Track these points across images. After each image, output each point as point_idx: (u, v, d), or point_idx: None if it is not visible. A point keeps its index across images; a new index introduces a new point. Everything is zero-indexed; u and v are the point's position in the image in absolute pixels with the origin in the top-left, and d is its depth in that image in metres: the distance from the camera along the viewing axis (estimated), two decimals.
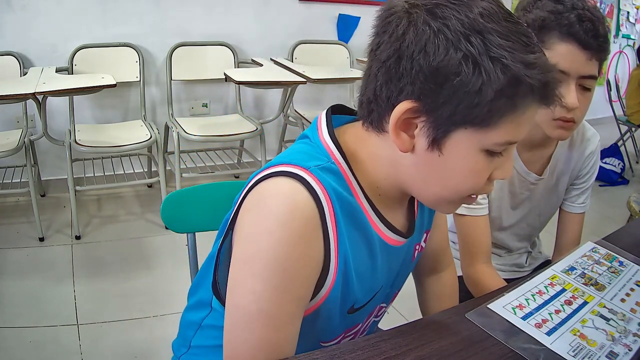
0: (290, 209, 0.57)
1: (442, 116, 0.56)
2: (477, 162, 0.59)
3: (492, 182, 0.63)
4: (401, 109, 0.57)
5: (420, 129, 0.59)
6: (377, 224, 0.67)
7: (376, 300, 0.76)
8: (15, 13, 2.56)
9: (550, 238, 1.25)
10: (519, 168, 1.10)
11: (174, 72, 2.89)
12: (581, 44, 0.90)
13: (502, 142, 0.58)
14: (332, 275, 0.63)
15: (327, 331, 0.72)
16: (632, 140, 4.26)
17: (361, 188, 0.64)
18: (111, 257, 2.24)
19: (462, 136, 0.57)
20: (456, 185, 0.61)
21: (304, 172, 0.59)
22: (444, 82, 0.54)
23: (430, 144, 0.58)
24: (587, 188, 1.17)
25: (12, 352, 1.62)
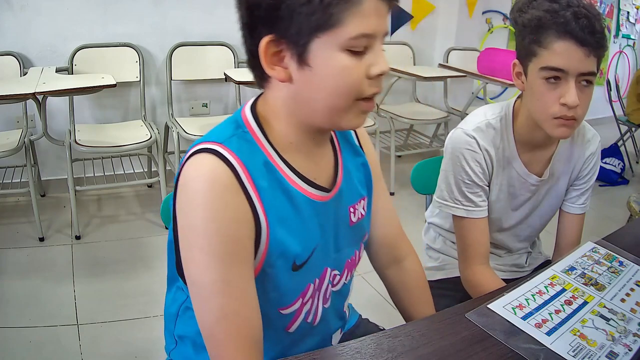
0: (210, 182, 0.64)
1: (293, 34, 0.63)
2: (343, 61, 0.64)
3: (377, 81, 0.67)
4: (263, 44, 0.65)
5: (287, 55, 0.65)
6: (293, 179, 0.72)
7: (318, 258, 0.77)
8: (15, 13, 2.56)
9: (550, 238, 1.25)
10: (519, 169, 1.10)
11: (174, 72, 2.89)
12: (578, 41, 0.90)
13: (355, 35, 0.63)
14: (265, 231, 0.68)
15: (280, 294, 0.74)
16: (632, 140, 4.26)
17: (275, 149, 0.71)
18: (111, 257, 2.24)
19: (319, 44, 0.63)
20: (334, 89, 0.66)
21: (219, 146, 0.66)
22: (280, 7, 0.62)
23: (298, 63, 0.65)
24: (588, 189, 1.17)
25: (12, 352, 1.62)
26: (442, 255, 1.29)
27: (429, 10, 3.72)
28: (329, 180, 0.78)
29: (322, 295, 0.81)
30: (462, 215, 1.09)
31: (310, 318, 0.80)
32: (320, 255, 0.77)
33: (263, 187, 0.68)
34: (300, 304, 0.77)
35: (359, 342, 0.73)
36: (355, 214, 0.84)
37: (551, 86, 0.95)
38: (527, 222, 1.19)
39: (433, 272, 1.29)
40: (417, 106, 3.64)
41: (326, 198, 0.77)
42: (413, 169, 1.34)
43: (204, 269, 0.65)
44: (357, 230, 0.85)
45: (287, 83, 0.67)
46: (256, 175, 0.68)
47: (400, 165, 3.40)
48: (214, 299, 0.65)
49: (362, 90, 0.67)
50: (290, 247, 0.71)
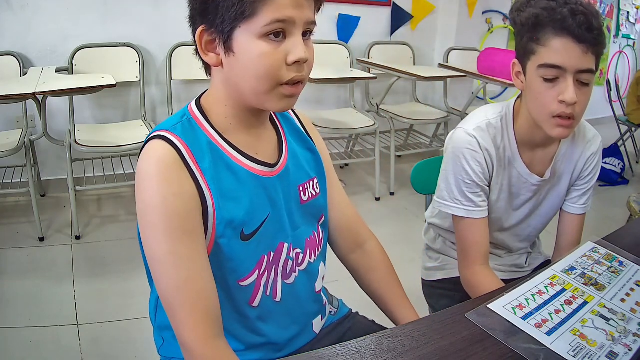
0: (154, 162, 0.72)
1: (219, 24, 0.71)
2: (260, 48, 0.71)
3: (297, 67, 0.73)
4: (197, 33, 0.74)
5: (216, 43, 0.74)
6: (236, 157, 0.79)
7: (270, 230, 0.81)
8: (15, 13, 2.56)
9: (550, 238, 1.25)
10: (520, 169, 1.10)
11: (174, 72, 2.89)
12: (575, 38, 0.91)
13: (268, 22, 0.70)
14: (211, 205, 0.74)
15: (235, 265, 0.79)
16: (632, 140, 4.26)
17: (216, 131, 0.78)
18: (111, 257, 2.24)
19: (240, 33, 0.71)
20: (256, 72, 0.72)
21: (165, 132, 0.74)
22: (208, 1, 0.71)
23: (225, 50, 0.73)
24: (589, 189, 1.16)
25: (12, 352, 1.62)
26: (442, 256, 1.28)
27: (429, 10, 3.72)
28: (273, 158, 0.84)
29: (282, 270, 0.85)
30: (462, 215, 1.08)
31: (269, 291, 0.84)
32: (272, 228, 0.82)
33: (206, 164, 0.75)
34: (257, 275, 0.81)
35: (359, 342, 0.73)
36: (306, 193, 0.89)
37: (549, 84, 0.95)
38: (528, 222, 1.19)
39: (433, 272, 1.29)
40: (417, 106, 3.64)
41: (271, 174, 0.82)
42: (413, 169, 1.34)
43: (156, 243, 0.71)
44: (310, 208, 0.90)
45: (220, 68, 0.76)
46: (199, 154, 0.75)
47: (400, 165, 3.41)
48: (167, 271, 0.71)
49: (280, 75, 0.73)
50: (236, 216, 0.77)
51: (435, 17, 3.76)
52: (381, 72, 3.13)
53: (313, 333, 0.92)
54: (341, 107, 3.46)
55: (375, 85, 3.45)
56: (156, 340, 0.91)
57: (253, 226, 0.79)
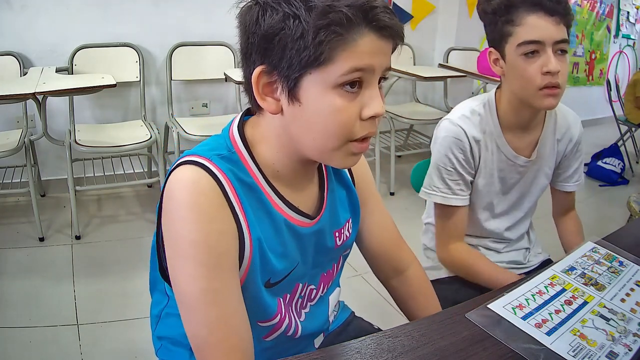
0: (195, 193, 0.64)
1: (285, 68, 0.63)
2: (334, 100, 0.63)
3: (370, 123, 0.66)
4: (255, 73, 0.65)
5: (278, 88, 0.65)
6: (278, 204, 0.73)
7: (294, 278, 0.78)
8: (15, 13, 2.56)
9: (550, 238, 1.25)
10: (507, 153, 1.14)
11: (174, 72, 2.89)
12: (547, 11, 0.97)
13: (346, 70, 0.62)
14: (248, 247, 0.69)
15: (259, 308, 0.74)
16: (632, 140, 4.26)
17: (261, 172, 0.71)
18: (111, 257, 2.24)
19: (310, 81, 0.63)
20: (325, 128, 0.65)
21: (205, 160, 0.67)
22: (274, 39, 0.62)
23: (289, 98, 0.64)
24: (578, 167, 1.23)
25: (12, 352, 1.62)
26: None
27: (429, 10, 3.72)
28: (312, 208, 0.79)
29: (294, 309, 0.82)
30: (439, 202, 1.13)
31: (291, 332, 0.81)
32: (296, 275, 0.78)
33: (248, 205, 0.69)
34: (279, 319, 0.78)
35: (359, 342, 0.73)
36: (341, 237, 0.84)
37: (531, 60, 1.00)
38: (518, 206, 1.22)
39: (430, 272, 1.29)
40: (417, 106, 3.64)
41: (309, 225, 0.77)
42: (413, 169, 1.35)
43: (191, 278, 0.64)
44: (341, 250, 0.86)
45: (279, 115, 0.67)
46: (241, 193, 0.68)
47: (400, 165, 3.40)
48: (202, 308, 0.65)
49: (353, 132, 0.65)
50: (269, 265, 0.72)
51: (435, 17, 3.76)
52: None
53: (312, 348, 0.91)
54: None
55: None
56: (155, 344, 0.90)
57: (280, 276, 0.75)
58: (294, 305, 0.82)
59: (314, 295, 0.85)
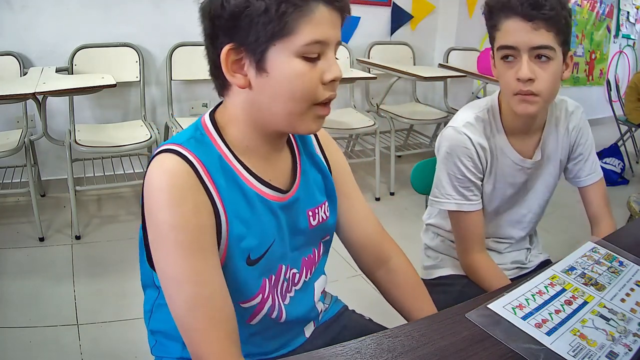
0: (169, 177, 0.68)
1: (252, 42, 0.68)
2: (297, 67, 0.69)
3: (331, 86, 0.73)
4: (224, 52, 0.70)
5: (246, 62, 0.70)
6: (249, 179, 0.76)
7: (273, 255, 0.79)
8: (15, 13, 2.56)
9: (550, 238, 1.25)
10: (513, 158, 1.13)
11: (174, 72, 2.89)
12: (522, 16, 0.96)
13: (307, 41, 0.68)
14: (225, 225, 0.72)
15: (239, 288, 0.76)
16: (632, 140, 4.26)
17: (231, 151, 0.75)
18: (111, 257, 2.24)
19: (275, 52, 0.68)
20: (291, 92, 0.70)
21: (178, 146, 0.71)
22: (239, 17, 0.67)
23: (257, 70, 0.70)
24: (589, 156, 1.20)
25: (12, 352, 1.62)
26: (441, 255, 1.29)
27: (429, 10, 3.72)
28: (286, 183, 0.82)
29: (280, 292, 0.84)
30: (454, 209, 1.12)
31: (275, 314, 0.82)
32: (276, 253, 0.80)
33: (221, 183, 0.72)
34: (261, 299, 0.80)
35: (359, 342, 0.73)
36: (315, 217, 0.86)
37: (508, 65, 1.00)
38: (526, 206, 1.21)
39: (431, 271, 1.30)
40: (417, 106, 3.64)
41: (283, 199, 0.80)
42: (413, 169, 1.35)
43: (173, 260, 0.68)
44: (317, 232, 0.88)
45: (246, 89, 0.72)
46: (214, 172, 0.72)
47: (400, 165, 3.41)
48: (185, 288, 0.68)
49: (317, 95, 0.71)
50: (246, 241, 0.75)
51: (435, 17, 3.76)
52: (381, 72, 3.13)
53: (303, 337, 0.92)
54: (341, 107, 3.46)
55: (375, 85, 3.45)
56: (149, 341, 0.92)
57: (259, 252, 0.77)
58: (280, 287, 0.84)
59: (297, 279, 0.87)
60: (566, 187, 1.28)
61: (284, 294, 0.85)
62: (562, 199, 1.78)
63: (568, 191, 1.37)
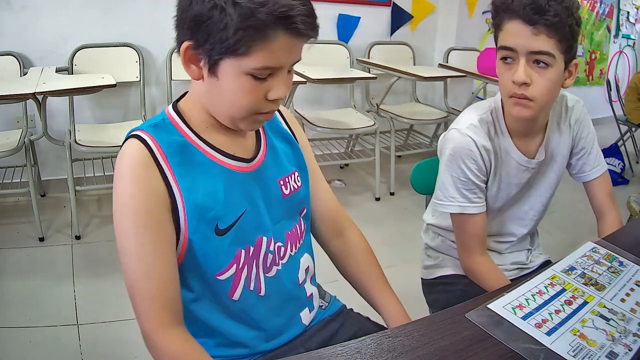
0: (127, 158, 0.76)
1: (207, 49, 0.72)
2: (244, 84, 0.73)
3: (274, 102, 0.77)
4: (183, 46, 0.74)
5: (201, 59, 0.74)
6: (210, 153, 0.81)
7: (247, 225, 0.83)
8: (15, 13, 2.56)
9: (550, 238, 1.25)
10: (518, 159, 1.12)
11: (174, 72, 2.89)
12: (523, 19, 0.95)
13: (259, 67, 0.72)
14: (180, 202, 0.77)
15: (211, 259, 0.81)
16: (632, 140, 4.26)
17: (192, 130, 0.81)
18: (111, 257, 2.23)
19: (227, 64, 0.72)
20: (235, 103, 0.76)
21: (140, 131, 0.78)
22: (201, 24, 0.71)
23: (209, 71, 0.75)
24: (592, 150, 1.20)
25: (12, 352, 1.63)
26: (442, 254, 1.29)
27: (429, 10, 3.72)
28: (250, 154, 0.87)
29: (262, 263, 0.86)
30: (458, 212, 1.11)
31: (252, 285, 0.85)
32: (250, 223, 0.84)
33: (176, 161, 0.77)
34: (236, 269, 0.83)
35: (359, 342, 0.73)
36: (287, 186, 0.91)
37: (506, 66, 1.00)
38: (529, 202, 1.21)
39: (432, 270, 1.29)
40: (417, 106, 3.64)
41: (248, 169, 0.85)
42: (413, 169, 1.34)
43: (125, 236, 0.75)
44: (291, 202, 0.91)
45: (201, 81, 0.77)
46: (171, 152, 0.77)
47: (400, 165, 3.40)
48: (132, 262, 0.75)
49: (259, 107, 0.77)
50: (208, 211, 0.79)
51: (435, 17, 3.76)
52: (381, 72, 3.13)
53: (302, 325, 0.93)
54: (341, 107, 3.46)
55: (375, 85, 3.45)
56: None
57: (228, 221, 0.81)
58: (263, 259, 0.86)
59: (283, 253, 0.90)
60: (566, 188, 1.28)
61: (270, 267, 0.88)
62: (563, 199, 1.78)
63: (568, 191, 1.37)
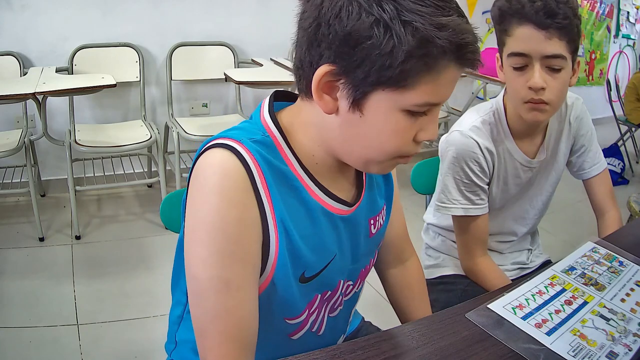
0: (221, 177, 0.61)
1: (358, 78, 0.59)
2: (398, 122, 0.61)
3: (419, 144, 0.66)
4: (320, 72, 0.60)
5: (341, 90, 0.61)
6: (314, 191, 0.69)
7: (332, 271, 0.74)
8: (15, 13, 2.56)
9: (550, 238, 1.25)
10: (520, 159, 1.12)
11: (174, 72, 2.89)
12: (536, 24, 0.93)
13: (420, 102, 0.60)
14: (274, 238, 0.65)
15: (288, 305, 0.72)
16: (632, 140, 4.26)
17: (297, 158, 0.67)
18: (111, 257, 2.24)
19: (380, 97, 0.60)
20: (379, 145, 0.64)
21: (236, 143, 0.63)
22: (356, 45, 0.57)
23: (351, 105, 0.61)
24: (591, 147, 1.20)
25: (12, 352, 1.63)
26: (442, 254, 1.29)
27: None
28: (351, 194, 0.76)
29: (331, 305, 0.79)
30: (461, 214, 1.10)
31: (315, 327, 0.78)
32: (334, 269, 0.74)
33: (277, 193, 0.65)
34: (307, 314, 0.75)
35: (359, 342, 0.73)
36: (375, 225, 0.81)
37: (519, 72, 0.99)
38: (529, 201, 1.21)
39: (432, 270, 1.29)
40: None
41: (347, 212, 0.74)
42: (413, 169, 1.34)
43: (203, 263, 0.63)
44: (375, 240, 0.83)
45: (333, 115, 0.64)
46: (272, 180, 0.65)
47: (400, 165, 3.40)
48: (209, 295, 0.63)
49: (404, 150, 0.65)
50: (301, 258, 0.69)
51: None
52: None
53: None
54: None
55: None
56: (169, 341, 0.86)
57: (316, 269, 0.71)
58: (333, 301, 0.79)
59: (349, 290, 0.82)
60: (566, 188, 1.28)
61: (336, 308, 0.81)
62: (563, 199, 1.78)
63: (568, 191, 1.37)
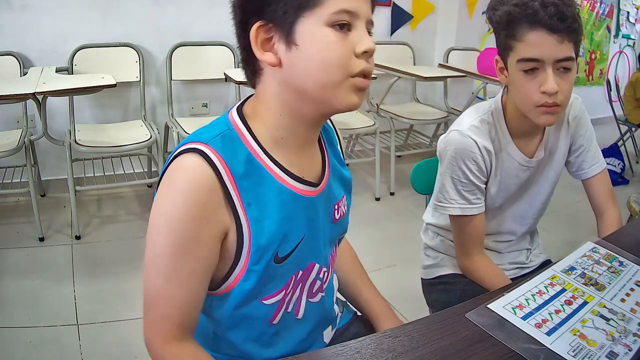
0: (188, 180, 0.66)
1: (280, 16, 0.67)
2: (327, 37, 0.67)
3: (365, 59, 0.70)
4: (253, 31, 0.68)
5: (275, 38, 0.69)
6: (278, 174, 0.73)
7: (302, 251, 0.78)
8: (15, 13, 2.56)
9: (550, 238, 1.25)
10: (519, 159, 1.13)
11: (174, 72, 2.89)
12: (549, 29, 0.93)
13: (336, 10, 0.67)
14: (246, 229, 0.70)
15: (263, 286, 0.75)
16: (632, 140, 4.26)
17: (260, 146, 0.72)
18: (111, 257, 2.24)
19: (304, 23, 0.67)
20: (324, 62, 0.68)
21: (203, 146, 0.68)
22: None
23: (286, 44, 0.68)
24: (590, 147, 1.19)
25: (12, 352, 1.62)
26: (441, 254, 1.29)
27: (429, 10, 3.72)
28: (316, 176, 0.80)
29: (308, 288, 0.82)
30: (458, 214, 1.11)
31: (290, 308, 0.81)
32: (306, 249, 0.78)
33: (245, 186, 0.70)
34: (284, 294, 0.78)
35: (359, 342, 0.73)
36: (339, 211, 0.86)
37: (530, 76, 0.98)
38: (528, 200, 1.21)
39: (431, 270, 1.30)
40: (417, 106, 3.64)
41: (314, 193, 0.78)
42: (413, 169, 1.35)
43: (158, 250, 0.68)
44: (339, 226, 0.87)
45: (277, 69, 0.70)
46: (239, 173, 0.69)
47: (400, 165, 3.40)
48: (157, 279, 0.69)
49: (350, 66, 0.68)
50: (273, 242, 0.73)
51: (435, 17, 3.76)
52: (381, 72, 3.13)
53: (323, 343, 0.90)
54: None
55: (375, 85, 3.44)
56: None
57: (288, 249, 0.75)
58: (310, 285, 0.82)
59: (326, 277, 0.86)
60: (566, 188, 1.28)
61: (316, 293, 0.84)
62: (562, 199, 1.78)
63: (568, 191, 1.38)
